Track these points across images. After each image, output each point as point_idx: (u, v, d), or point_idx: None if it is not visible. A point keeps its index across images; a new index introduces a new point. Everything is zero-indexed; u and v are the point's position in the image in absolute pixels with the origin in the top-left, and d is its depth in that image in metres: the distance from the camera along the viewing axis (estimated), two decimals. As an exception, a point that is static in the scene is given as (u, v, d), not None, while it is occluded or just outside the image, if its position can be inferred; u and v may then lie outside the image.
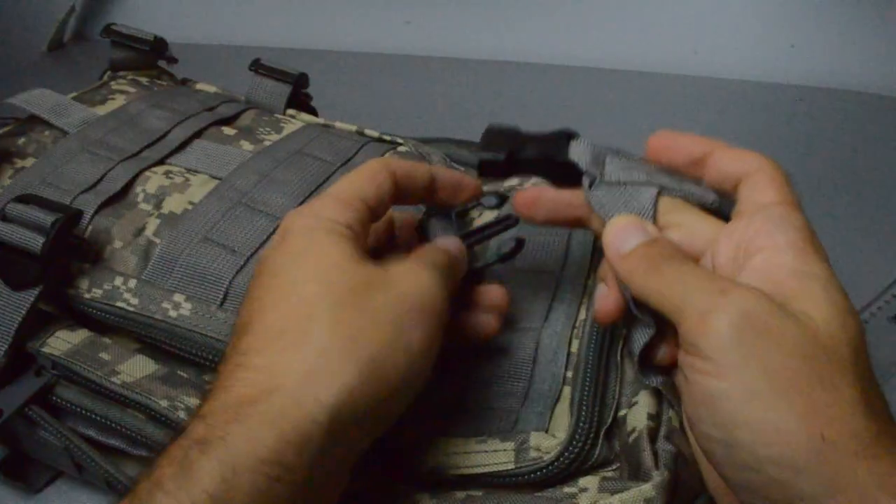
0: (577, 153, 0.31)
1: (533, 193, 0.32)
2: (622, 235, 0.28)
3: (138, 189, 0.39)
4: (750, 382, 0.23)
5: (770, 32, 0.80)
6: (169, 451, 0.23)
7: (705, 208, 0.29)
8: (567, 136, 0.31)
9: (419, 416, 0.32)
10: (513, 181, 0.43)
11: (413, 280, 0.28)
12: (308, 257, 0.27)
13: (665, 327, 0.28)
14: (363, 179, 0.30)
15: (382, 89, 0.80)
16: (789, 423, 0.22)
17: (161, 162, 0.41)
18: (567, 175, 0.31)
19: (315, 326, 0.25)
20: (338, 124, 0.48)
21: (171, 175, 0.40)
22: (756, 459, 0.23)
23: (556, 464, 0.29)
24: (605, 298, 0.29)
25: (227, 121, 0.45)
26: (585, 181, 0.30)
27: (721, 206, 0.29)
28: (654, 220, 0.29)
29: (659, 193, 0.29)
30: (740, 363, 0.23)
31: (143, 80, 0.50)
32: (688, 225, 0.28)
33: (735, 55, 0.79)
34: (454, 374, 0.33)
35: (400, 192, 0.31)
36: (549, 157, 0.31)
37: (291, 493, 0.23)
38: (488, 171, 0.32)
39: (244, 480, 0.22)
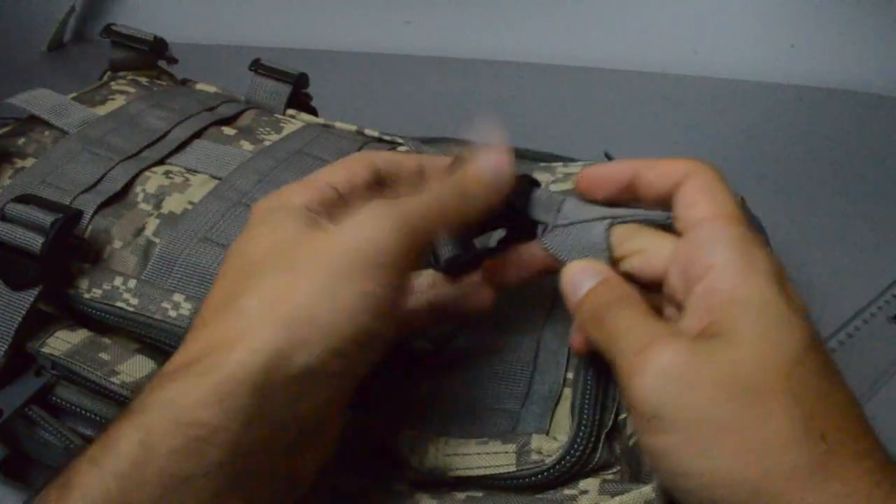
0: (534, 205, 0.31)
1: (499, 261, 0.31)
2: (576, 281, 0.28)
3: (138, 189, 0.39)
4: (682, 436, 0.23)
5: (770, 32, 0.80)
6: None
7: (662, 227, 0.29)
8: (530, 182, 0.32)
9: (418, 415, 0.32)
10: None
11: (353, 232, 0.26)
12: (261, 237, 0.27)
13: None
14: (336, 167, 0.30)
15: (382, 89, 0.80)
16: (723, 470, 0.22)
17: (161, 162, 0.41)
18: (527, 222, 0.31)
19: (244, 293, 0.25)
20: (338, 124, 0.48)
21: (170, 175, 0.40)
22: (705, 502, 0.23)
23: (557, 467, 0.29)
24: (575, 333, 0.29)
25: (227, 121, 0.45)
26: (539, 229, 0.31)
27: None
28: (610, 252, 0.29)
29: (612, 225, 0.29)
30: (669, 419, 0.23)
31: (143, 80, 0.50)
32: (646, 249, 0.28)
33: (735, 55, 0.79)
34: (454, 374, 0.33)
35: (385, 182, 0.31)
36: (511, 206, 0.31)
37: (223, 454, 0.22)
38: None
39: (163, 441, 0.22)
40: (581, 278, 0.28)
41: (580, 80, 0.81)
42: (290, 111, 0.49)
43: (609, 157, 0.43)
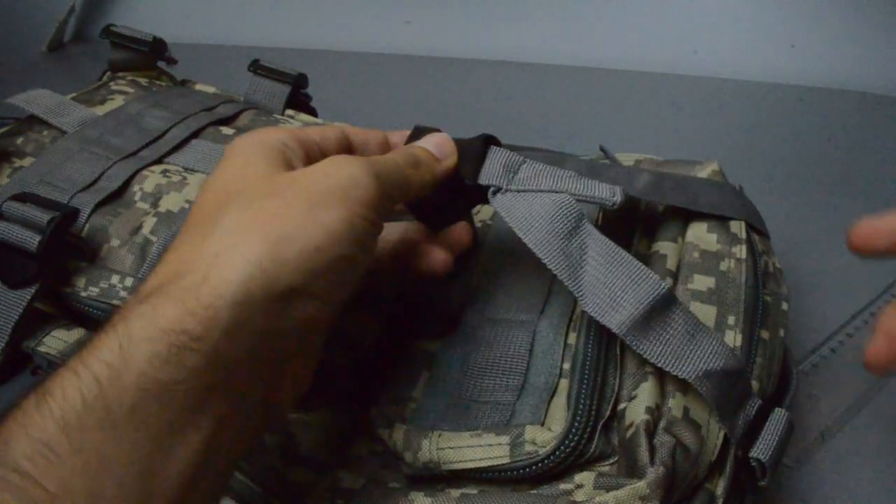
0: (488, 168, 0.32)
1: (868, 227, 0.31)
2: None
3: (135, 188, 0.39)
4: None
5: (770, 32, 0.79)
6: None
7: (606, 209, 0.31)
8: (487, 141, 0.32)
9: (413, 410, 0.32)
10: None
11: (331, 169, 0.27)
12: (238, 168, 0.28)
13: None
14: (309, 127, 0.32)
15: (382, 89, 0.80)
16: None
17: (158, 161, 0.41)
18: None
19: (225, 214, 0.25)
20: (337, 124, 0.48)
21: (168, 174, 0.40)
22: None
23: (551, 458, 0.29)
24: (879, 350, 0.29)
25: (226, 121, 0.45)
26: (491, 191, 0.32)
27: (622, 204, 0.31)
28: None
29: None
30: None
31: (143, 80, 0.50)
32: None
33: (735, 55, 0.79)
34: (449, 368, 0.33)
35: (355, 151, 0.32)
36: (460, 177, 0.32)
37: (202, 361, 0.23)
38: None
39: (142, 347, 0.22)
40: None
41: (580, 80, 0.81)
42: (290, 111, 0.49)
43: (604, 151, 0.43)
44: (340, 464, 0.32)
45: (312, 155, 0.30)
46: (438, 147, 0.32)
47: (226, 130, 0.44)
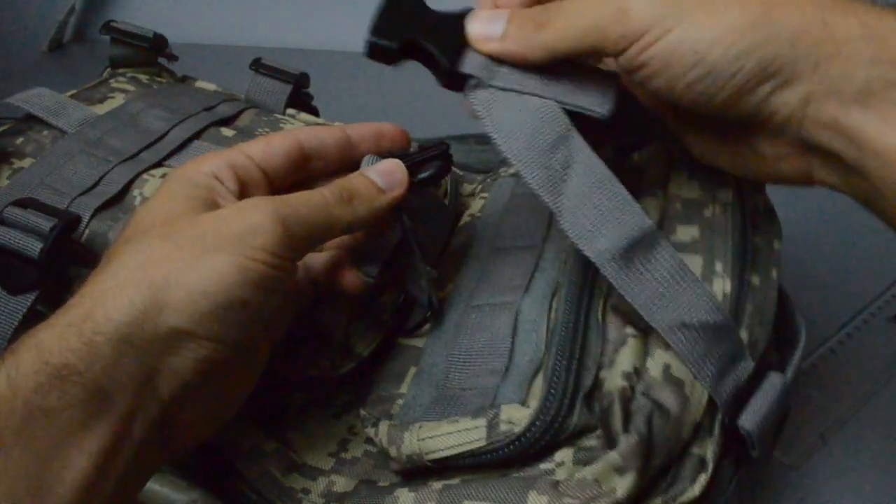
0: (471, 56, 0.30)
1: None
2: (488, 24, 0.30)
3: (136, 192, 0.39)
4: (689, 27, 0.26)
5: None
6: None
7: (595, 119, 0.29)
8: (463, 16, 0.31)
9: (401, 406, 0.32)
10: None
11: (233, 215, 0.28)
12: (159, 205, 0.29)
13: None
14: (256, 140, 0.32)
15: (382, 89, 0.80)
16: (735, 17, 0.26)
17: (159, 164, 0.40)
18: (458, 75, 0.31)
19: (123, 253, 0.27)
20: (338, 125, 0.47)
21: (168, 177, 0.40)
22: (732, 63, 0.26)
23: (527, 435, 0.27)
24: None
25: (226, 121, 0.45)
26: (470, 83, 0.30)
27: (613, 119, 0.29)
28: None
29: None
30: (673, 16, 0.26)
31: (143, 77, 0.49)
32: None
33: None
34: (434, 361, 0.33)
35: (311, 156, 0.32)
36: (439, 61, 0.31)
37: (83, 391, 0.24)
38: (379, 57, 0.33)
39: (28, 377, 0.24)
40: (492, 20, 0.30)
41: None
42: (290, 111, 0.49)
43: None
44: (335, 468, 0.32)
45: (249, 179, 0.31)
46: (385, 176, 0.31)
47: (226, 132, 0.44)
